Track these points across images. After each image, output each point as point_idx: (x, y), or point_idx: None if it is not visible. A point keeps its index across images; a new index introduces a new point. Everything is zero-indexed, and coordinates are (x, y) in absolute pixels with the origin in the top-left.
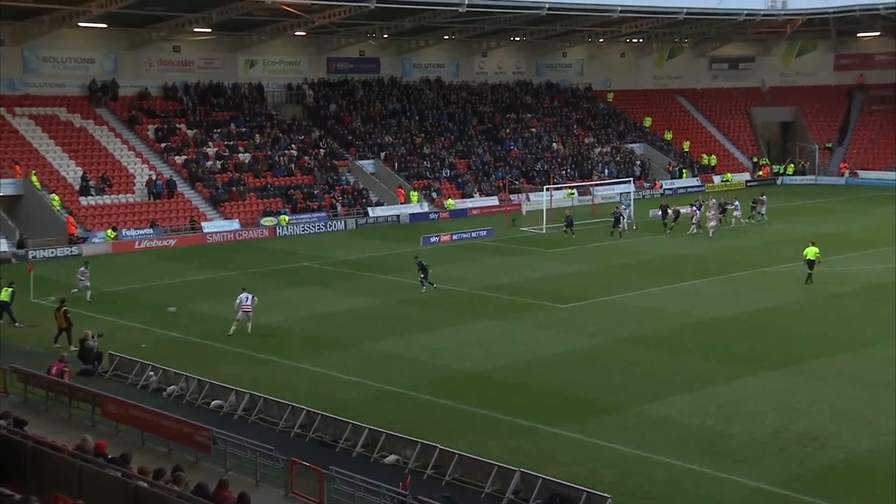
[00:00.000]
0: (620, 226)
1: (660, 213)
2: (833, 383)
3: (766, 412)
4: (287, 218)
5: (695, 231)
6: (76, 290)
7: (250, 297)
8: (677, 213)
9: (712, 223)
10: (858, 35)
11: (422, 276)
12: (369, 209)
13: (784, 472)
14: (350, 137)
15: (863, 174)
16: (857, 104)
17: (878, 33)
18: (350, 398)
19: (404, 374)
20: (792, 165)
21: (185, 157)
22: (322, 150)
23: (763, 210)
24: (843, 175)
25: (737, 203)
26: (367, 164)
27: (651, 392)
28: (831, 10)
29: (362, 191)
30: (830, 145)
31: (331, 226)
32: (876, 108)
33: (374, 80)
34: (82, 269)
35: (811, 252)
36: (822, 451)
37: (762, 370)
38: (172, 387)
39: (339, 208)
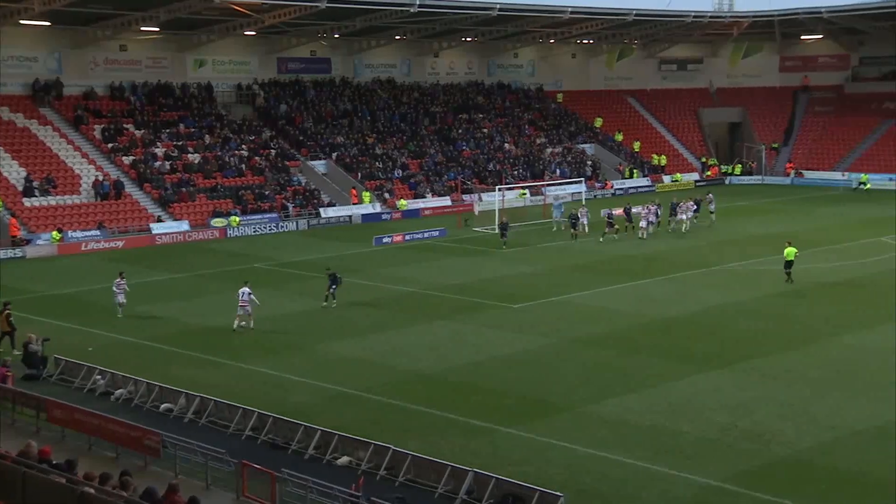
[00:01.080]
0: (578, 227)
1: (621, 212)
2: (779, 381)
3: (714, 410)
4: (238, 219)
5: (675, 229)
6: (119, 305)
7: (247, 291)
8: (611, 214)
9: (642, 223)
10: (802, 38)
11: (331, 287)
12: (321, 210)
13: (732, 469)
14: (301, 138)
15: (808, 174)
16: (801, 105)
17: (820, 36)
18: (302, 400)
19: (356, 376)
20: (739, 165)
21: (133, 157)
22: (273, 151)
23: (712, 208)
24: (789, 175)
25: (690, 204)
26: (319, 165)
27: (602, 391)
28: (776, 13)
29: (314, 191)
30: (776, 146)
31: (282, 227)
32: (820, 109)
33: (326, 81)
34: (118, 280)
35: (790, 252)
36: (768, 447)
37: (711, 368)
38: (121, 390)
39: (290, 209)
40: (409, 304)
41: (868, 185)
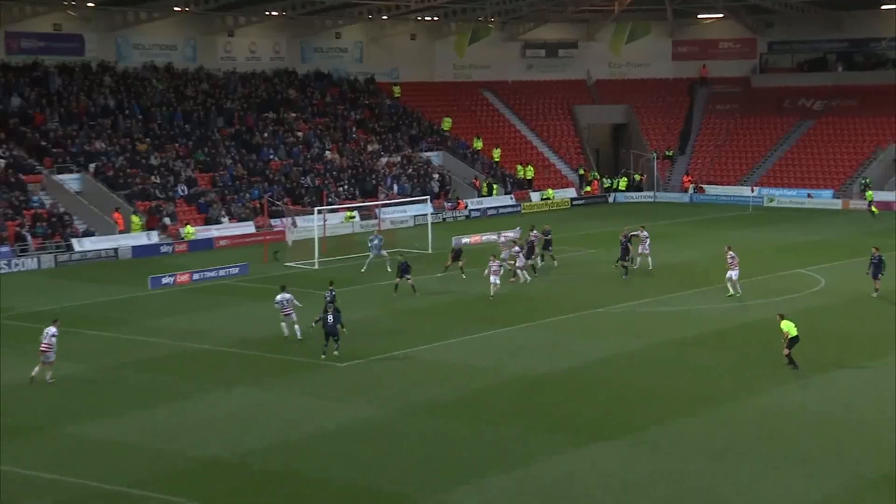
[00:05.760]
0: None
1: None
2: (675, 454)
3: (597, 492)
4: None
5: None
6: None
7: (51, 330)
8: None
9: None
10: (698, 17)
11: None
12: (74, 241)
13: None
14: (44, 143)
15: (710, 189)
16: (700, 102)
17: (720, 15)
18: None
19: (120, 467)
20: (625, 179)
21: None
22: (3, 161)
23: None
24: (686, 190)
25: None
26: (70, 180)
27: (453, 475)
28: None
29: (63, 216)
30: (671, 153)
31: (17, 265)
32: (722, 106)
33: (77, 65)
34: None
35: (790, 328)
36: None
37: (591, 440)
38: None
39: (29, 240)
40: (197, 367)
41: (875, 210)
